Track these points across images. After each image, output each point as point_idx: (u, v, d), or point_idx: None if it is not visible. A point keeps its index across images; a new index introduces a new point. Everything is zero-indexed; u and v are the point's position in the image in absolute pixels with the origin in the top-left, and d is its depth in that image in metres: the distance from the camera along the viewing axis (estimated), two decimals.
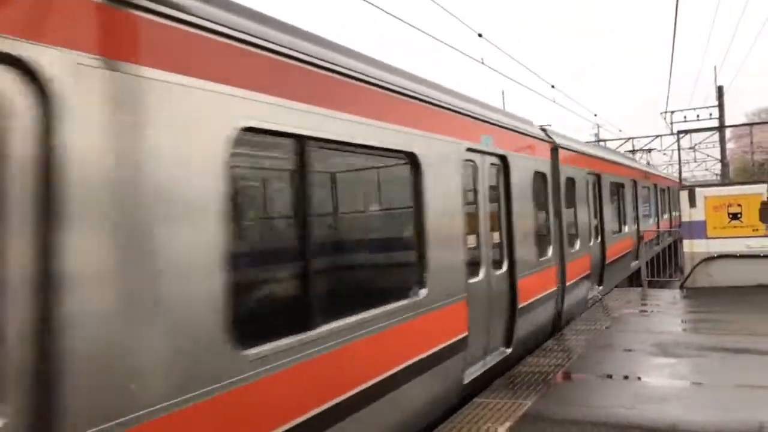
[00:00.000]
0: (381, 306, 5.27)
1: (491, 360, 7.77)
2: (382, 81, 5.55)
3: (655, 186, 24.39)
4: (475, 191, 7.64)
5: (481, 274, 7.54)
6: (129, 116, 3.07)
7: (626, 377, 7.55)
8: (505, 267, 8.33)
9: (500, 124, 8.45)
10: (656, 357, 8.40)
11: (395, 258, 6.13)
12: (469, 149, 7.35)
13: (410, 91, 6.05)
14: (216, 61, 3.67)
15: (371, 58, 5.73)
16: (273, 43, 4.19)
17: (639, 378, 7.51)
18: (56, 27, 2.76)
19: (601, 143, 38.68)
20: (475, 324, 7.15)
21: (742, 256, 14.25)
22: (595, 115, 43.45)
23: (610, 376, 7.61)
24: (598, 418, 6.05)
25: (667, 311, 12.14)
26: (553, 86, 21.27)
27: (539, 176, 9.94)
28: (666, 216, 27.68)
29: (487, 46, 13.96)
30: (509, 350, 8.27)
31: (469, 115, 7.43)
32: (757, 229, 13.38)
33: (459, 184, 6.91)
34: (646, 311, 12.24)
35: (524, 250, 8.87)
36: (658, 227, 23.90)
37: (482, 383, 7.30)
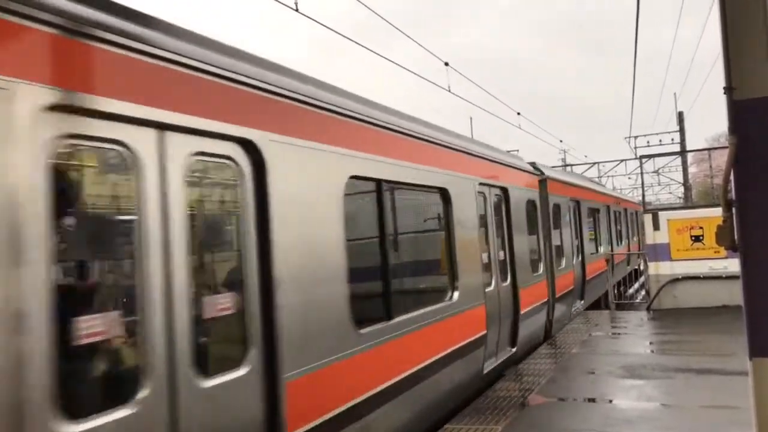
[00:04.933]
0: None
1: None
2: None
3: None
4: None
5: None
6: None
7: (595, 400, 7.63)
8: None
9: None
10: (624, 379, 8.51)
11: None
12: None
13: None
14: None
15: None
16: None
17: (608, 401, 7.59)
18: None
19: (568, 168, 39.38)
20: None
21: (705, 278, 14.57)
22: (561, 141, 44.27)
23: (580, 399, 7.67)
24: None
25: (634, 333, 12.32)
26: (519, 113, 21.66)
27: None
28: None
29: (453, 75, 14.17)
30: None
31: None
32: (718, 251, 13.70)
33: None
34: (614, 333, 12.40)
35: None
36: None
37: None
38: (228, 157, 4.08)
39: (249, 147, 4.21)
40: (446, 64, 13.66)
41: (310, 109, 4.95)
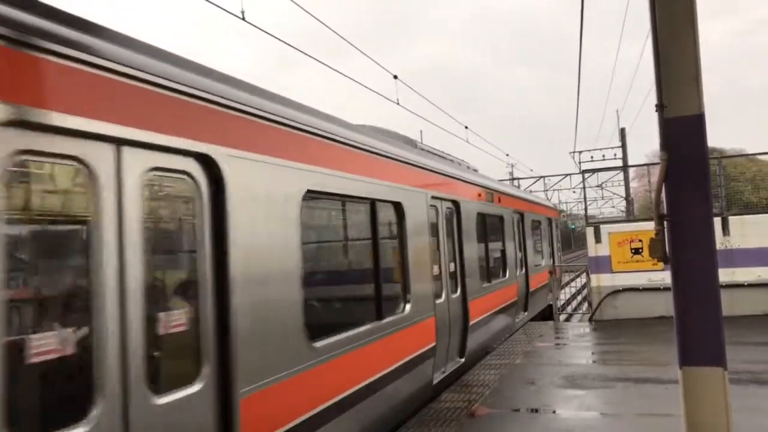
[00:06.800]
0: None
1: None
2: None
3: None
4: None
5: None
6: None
7: (538, 410, 7.74)
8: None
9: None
10: (566, 389, 8.67)
11: None
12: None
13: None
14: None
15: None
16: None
17: (551, 411, 7.72)
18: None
19: (515, 182, 40.15)
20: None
21: (644, 289, 15.04)
22: (507, 155, 45.16)
23: (522, 410, 7.77)
24: None
25: (576, 344, 12.58)
26: (466, 127, 21.99)
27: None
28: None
29: (402, 88, 14.32)
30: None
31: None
32: (656, 263, 14.14)
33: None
34: (557, 344, 12.64)
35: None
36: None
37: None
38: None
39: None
40: (395, 77, 13.76)
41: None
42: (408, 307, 7.45)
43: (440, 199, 9.44)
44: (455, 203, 10.18)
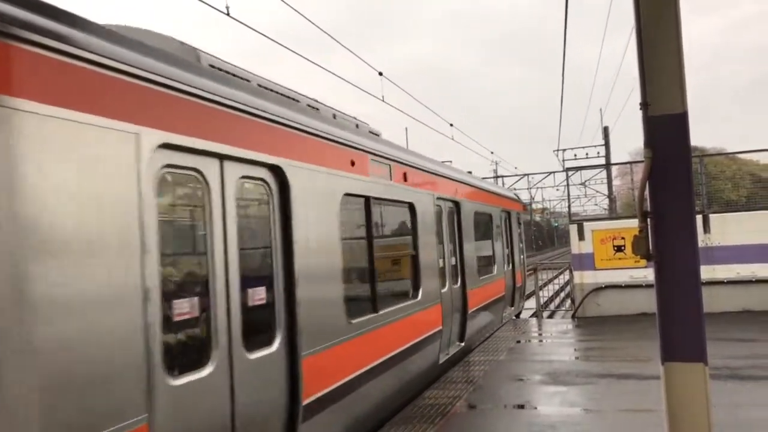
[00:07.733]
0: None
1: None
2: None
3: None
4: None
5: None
6: None
7: (521, 406, 7.78)
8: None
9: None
10: (549, 385, 8.73)
11: None
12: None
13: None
14: None
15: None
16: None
17: (533, 407, 7.76)
18: None
19: (498, 181, 40.35)
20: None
21: (627, 286, 15.17)
22: (492, 152, 45.32)
23: (506, 406, 7.82)
24: None
25: (560, 340, 12.67)
26: (451, 125, 22.02)
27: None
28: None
29: (387, 85, 14.30)
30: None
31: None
32: (638, 261, 14.27)
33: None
34: (540, 341, 12.72)
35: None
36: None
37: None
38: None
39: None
40: (380, 74, 13.74)
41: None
42: None
43: (193, 154, 4.13)
44: (278, 173, 5.12)
